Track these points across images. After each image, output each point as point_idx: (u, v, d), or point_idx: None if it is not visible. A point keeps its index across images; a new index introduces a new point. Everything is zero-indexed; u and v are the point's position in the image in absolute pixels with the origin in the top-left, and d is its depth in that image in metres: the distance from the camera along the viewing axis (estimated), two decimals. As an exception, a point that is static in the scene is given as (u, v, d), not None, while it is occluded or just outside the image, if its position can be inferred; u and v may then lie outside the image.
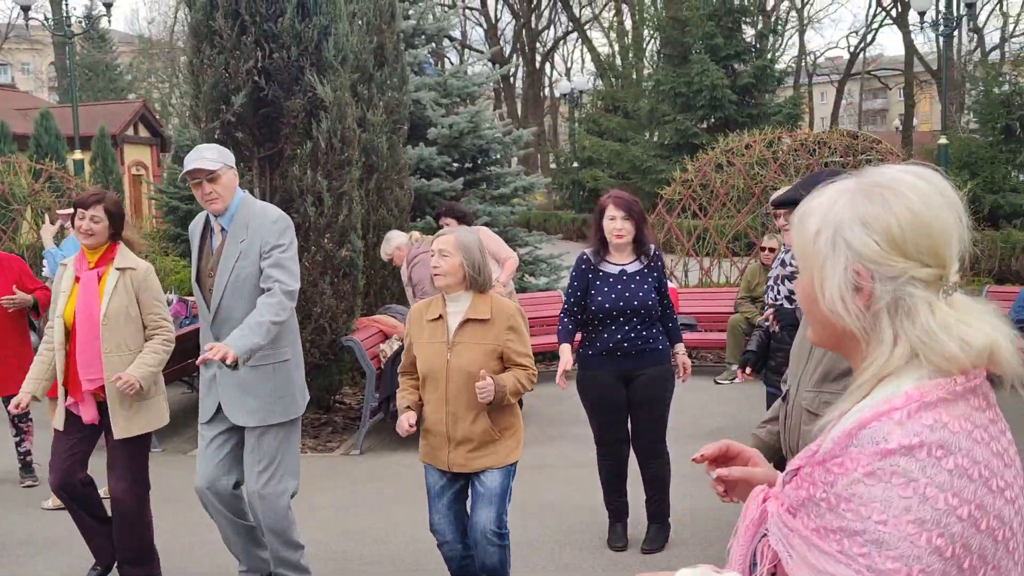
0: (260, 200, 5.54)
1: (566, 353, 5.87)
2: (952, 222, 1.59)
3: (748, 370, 5.91)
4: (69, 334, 5.48)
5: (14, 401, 5.57)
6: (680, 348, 6.07)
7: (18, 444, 7.86)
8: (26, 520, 6.99)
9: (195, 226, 5.34)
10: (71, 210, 6.96)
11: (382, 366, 8.79)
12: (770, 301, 5.97)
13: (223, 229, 5.13)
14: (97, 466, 5.68)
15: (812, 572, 1.55)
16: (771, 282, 5.96)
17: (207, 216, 5.24)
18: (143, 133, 39.91)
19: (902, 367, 1.57)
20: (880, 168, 1.65)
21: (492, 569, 4.79)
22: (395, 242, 9.11)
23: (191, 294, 8.98)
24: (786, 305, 5.72)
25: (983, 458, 1.51)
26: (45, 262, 8.98)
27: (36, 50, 72.37)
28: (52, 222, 9.60)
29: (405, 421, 4.68)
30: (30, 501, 7.41)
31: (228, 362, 4.69)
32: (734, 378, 11.21)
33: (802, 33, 56.26)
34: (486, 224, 11.48)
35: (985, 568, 1.49)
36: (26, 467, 7.90)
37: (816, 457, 1.59)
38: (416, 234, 9.31)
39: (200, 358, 4.86)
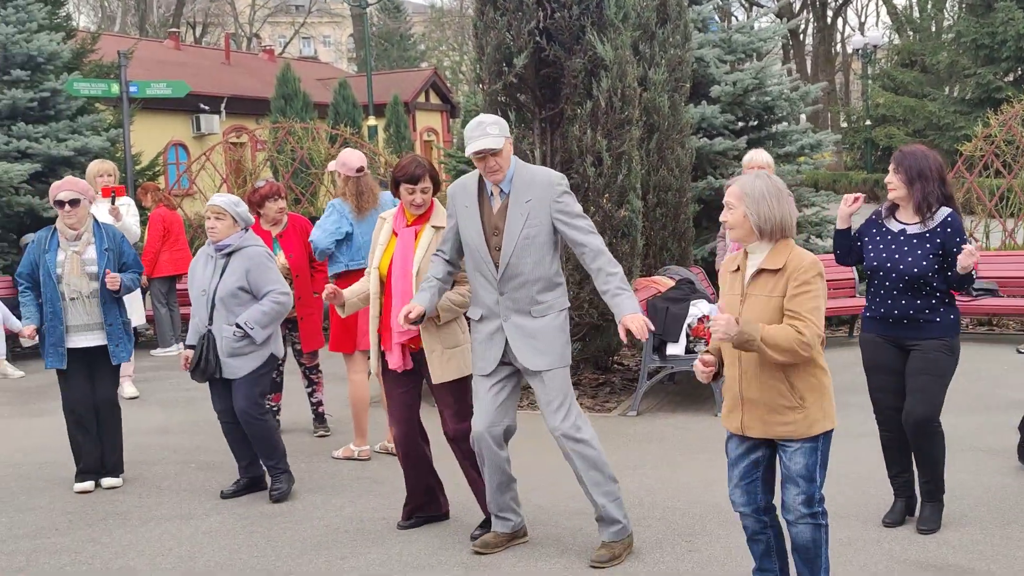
0: (539, 162, 5.63)
1: None
2: None
3: None
4: (384, 286, 5.81)
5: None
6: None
7: (310, 395, 8.22)
8: (317, 468, 7.31)
9: (465, 187, 5.50)
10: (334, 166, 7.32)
11: (660, 328, 8.67)
12: None
13: (503, 192, 5.34)
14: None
15: None
16: None
17: (478, 176, 5.42)
18: (434, 100, 41.31)
19: None
20: None
21: (802, 548, 4.45)
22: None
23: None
24: None
25: None
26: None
27: (336, 23, 76.24)
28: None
29: None
30: (321, 450, 7.74)
31: None
32: (1040, 347, 10.45)
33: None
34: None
35: None
36: (319, 417, 8.26)
37: None
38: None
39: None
